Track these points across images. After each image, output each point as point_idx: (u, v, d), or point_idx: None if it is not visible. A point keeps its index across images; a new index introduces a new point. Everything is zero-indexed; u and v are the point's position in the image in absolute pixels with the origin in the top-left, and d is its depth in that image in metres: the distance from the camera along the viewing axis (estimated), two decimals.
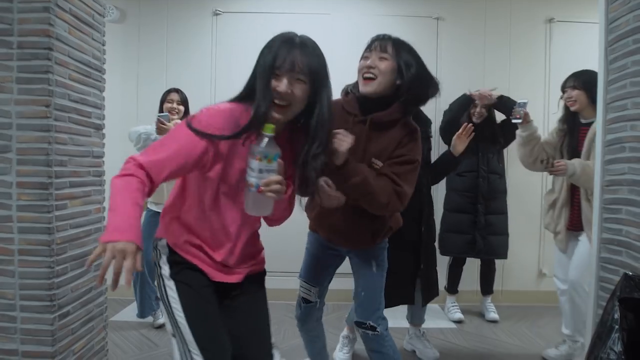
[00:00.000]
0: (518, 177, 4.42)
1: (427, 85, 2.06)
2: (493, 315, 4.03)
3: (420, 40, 4.36)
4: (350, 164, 1.80)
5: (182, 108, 3.69)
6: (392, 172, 1.92)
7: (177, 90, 3.72)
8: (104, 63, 2.60)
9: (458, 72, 4.39)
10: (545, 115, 4.42)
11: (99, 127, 2.56)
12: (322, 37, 4.08)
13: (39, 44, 2.10)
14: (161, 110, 3.61)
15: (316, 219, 2.25)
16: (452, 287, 4.16)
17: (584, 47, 4.32)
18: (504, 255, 4.01)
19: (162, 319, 3.53)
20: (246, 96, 1.68)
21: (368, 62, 1.95)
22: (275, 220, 1.80)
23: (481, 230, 3.87)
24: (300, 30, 4.39)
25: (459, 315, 4.02)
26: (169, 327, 1.65)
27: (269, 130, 1.51)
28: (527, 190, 4.44)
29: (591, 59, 2.94)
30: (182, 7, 4.39)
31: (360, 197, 1.88)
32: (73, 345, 2.32)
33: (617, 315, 1.62)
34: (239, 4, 4.40)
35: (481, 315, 4.13)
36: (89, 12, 2.41)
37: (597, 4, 2.45)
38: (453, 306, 4.11)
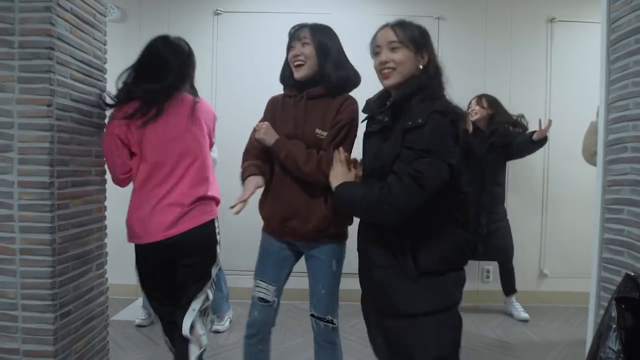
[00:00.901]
0: (519, 178, 4.43)
1: (345, 69, 2.28)
2: (523, 314, 4.06)
3: None
4: (276, 145, 2.09)
5: None
6: (332, 143, 2.11)
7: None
8: (105, 62, 2.60)
9: (459, 72, 4.37)
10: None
11: (101, 127, 2.56)
12: None
13: (40, 44, 2.10)
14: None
15: (268, 207, 2.30)
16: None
17: (585, 47, 4.33)
18: (504, 257, 4.03)
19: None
20: None
21: (295, 51, 2.22)
22: None
23: (483, 237, 3.89)
24: None
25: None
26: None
27: None
28: (528, 192, 4.44)
29: (593, 59, 2.94)
30: (183, 6, 4.39)
31: (290, 168, 2.11)
32: (74, 344, 2.33)
33: (614, 314, 1.62)
34: (240, 3, 4.40)
35: (483, 314, 4.12)
36: (90, 12, 2.42)
37: (598, 3, 2.45)
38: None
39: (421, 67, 1.97)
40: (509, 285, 4.16)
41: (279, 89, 3.40)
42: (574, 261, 4.35)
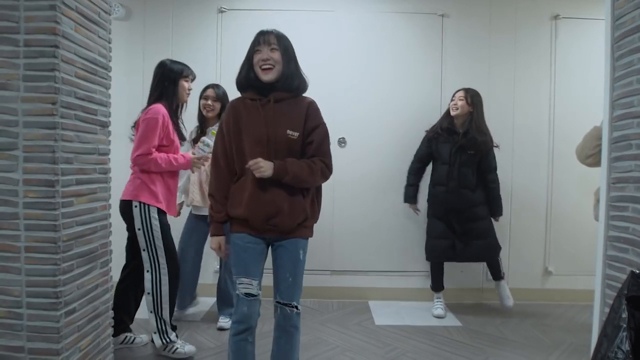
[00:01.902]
0: (523, 176, 4.42)
1: (301, 75, 2.40)
2: (507, 302, 4.05)
3: (425, 38, 4.40)
4: (277, 173, 2.20)
5: (217, 105, 3.71)
6: (320, 151, 2.33)
7: (214, 86, 3.75)
8: (110, 60, 2.60)
9: (463, 69, 4.38)
10: (550, 113, 4.41)
11: (105, 125, 2.56)
12: (326, 34, 4.10)
13: (45, 42, 2.10)
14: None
15: (248, 209, 2.28)
16: (436, 285, 4.16)
17: (589, 44, 4.31)
18: (489, 258, 4.03)
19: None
20: None
21: (264, 55, 2.27)
22: None
23: (460, 236, 3.91)
24: (304, 27, 4.44)
25: (440, 311, 4.04)
26: None
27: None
28: (532, 189, 4.43)
29: (597, 56, 2.93)
30: (187, 4, 4.40)
31: (296, 184, 2.27)
32: (79, 342, 2.33)
33: (624, 315, 1.61)
34: (244, 1, 4.40)
35: (487, 311, 4.12)
36: (95, 10, 2.42)
37: (603, 0, 2.44)
38: (438, 301, 4.14)
39: None
40: (495, 270, 4.11)
41: None
42: (579, 259, 4.34)
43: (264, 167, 2.17)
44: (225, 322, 3.65)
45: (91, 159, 2.42)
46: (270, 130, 2.26)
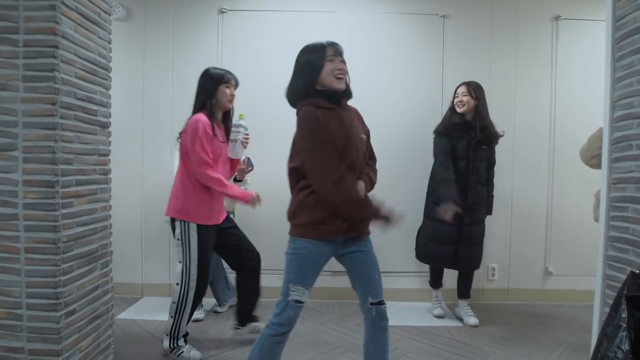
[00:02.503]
0: (523, 177, 4.42)
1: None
2: (473, 319, 3.88)
3: (426, 38, 4.40)
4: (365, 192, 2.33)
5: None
6: (373, 153, 2.54)
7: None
8: (110, 61, 2.60)
9: (464, 70, 4.38)
10: (551, 112, 4.40)
11: (105, 125, 2.56)
12: (327, 34, 4.09)
13: (45, 42, 2.10)
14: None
15: (336, 220, 2.26)
16: (437, 282, 4.13)
17: (590, 45, 4.31)
18: (477, 266, 3.92)
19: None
20: None
21: (339, 65, 2.31)
22: None
23: (464, 241, 3.76)
24: (305, 28, 4.43)
25: (439, 311, 4.03)
26: None
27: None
28: (533, 189, 4.43)
29: (598, 56, 2.93)
30: (187, 5, 4.39)
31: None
32: (79, 343, 2.33)
33: (624, 314, 1.61)
34: (245, 2, 4.40)
35: (488, 312, 4.11)
36: (95, 10, 2.42)
37: (604, 1, 2.44)
38: (436, 300, 4.13)
39: None
40: (466, 289, 4.04)
41: (283, 87, 3.39)
42: (579, 259, 4.33)
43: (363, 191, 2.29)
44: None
45: (91, 160, 2.42)
46: (356, 135, 2.33)
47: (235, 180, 3.58)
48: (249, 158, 3.51)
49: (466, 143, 3.75)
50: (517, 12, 4.40)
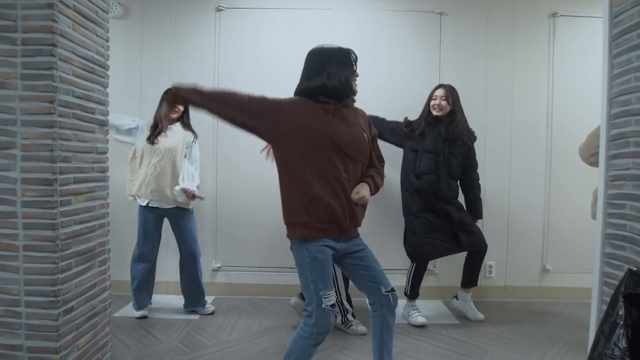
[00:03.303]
0: (520, 174, 4.42)
1: None
2: (480, 315, 3.91)
3: (423, 36, 4.40)
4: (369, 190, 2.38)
5: (181, 107, 3.77)
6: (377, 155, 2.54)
7: None
8: (107, 59, 2.60)
9: (461, 67, 4.38)
10: (548, 110, 4.41)
11: (103, 123, 2.56)
12: (323, 32, 4.09)
13: (43, 41, 2.10)
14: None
15: (335, 214, 2.28)
16: (416, 291, 3.94)
17: (587, 41, 4.32)
18: (485, 244, 3.85)
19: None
20: None
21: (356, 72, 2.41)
22: None
23: (458, 225, 3.75)
24: (301, 26, 4.42)
25: (421, 319, 3.79)
26: None
27: None
28: (530, 187, 4.44)
29: (595, 53, 2.94)
30: (185, 3, 4.39)
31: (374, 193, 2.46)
32: (77, 340, 2.34)
33: (621, 312, 1.61)
34: None
35: (485, 310, 4.12)
36: (92, 9, 2.42)
37: None
38: (414, 310, 3.88)
39: None
40: (474, 275, 3.97)
41: (280, 84, 3.39)
42: (577, 257, 4.35)
43: (362, 195, 2.31)
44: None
45: (89, 158, 2.42)
46: (359, 131, 2.39)
47: None
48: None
49: (434, 137, 3.76)
50: (514, 9, 4.41)
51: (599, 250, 2.39)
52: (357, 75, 2.40)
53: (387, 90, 4.38)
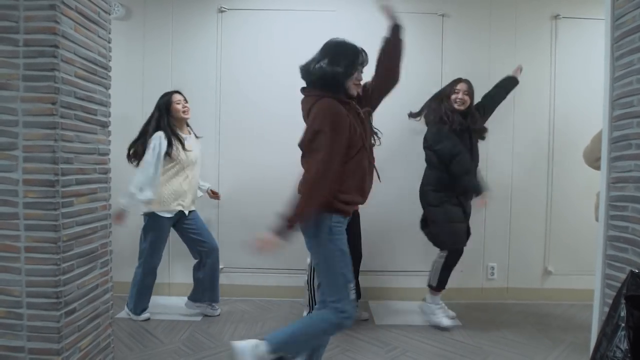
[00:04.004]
0: (522, 176, 4.42)
1: None
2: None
3: (425, 37, 4.40)
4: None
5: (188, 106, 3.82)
6: None
7: (178, 91, 3.82)
8: (109, 60, 2.60)
9: (462, 69, 4.37)
10: (550, 112, 4.41)
11: (105, 125, 2.57)
12: (326, 34, 4.09)
13: (45, 42, 2.11)
14: (168, 112, 3.71)
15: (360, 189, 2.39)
16: (444, 283, 3.82)
17: (589, 43, 4.31)
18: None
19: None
20: None
21: (359, 75, 2.44)
22: None
23: (467, 219, 3.82)
24: (305, 27, 4.41)
25: (447, 321, 3.77)
26: None
27: None
28: (532, 188, 4.43)
29: (597, 55, 2.93)
30: (187, 4, 4.39)
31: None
32: (79, 342, 2.33)
33: (623, 313, 1.61)
34: (244, 1, 4.40)
35: (487, 311, 4.12)
36: (94, 10, 2.42)
37: (603, 0, 2.44)
38: (438, 307, 3.83)
39: None
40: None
41: (281, 86, 3.38)
42: (579, 258, 4.34)
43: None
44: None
45: (91, 159, 2.42)
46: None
47: None
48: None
49: (467, 135, 3.75)
50: (516, 11, 4.41)
51: (601, 252, 2.39)
52: (359, 79, 2.44)
53: None
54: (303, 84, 2.49)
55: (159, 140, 3.55)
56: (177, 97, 3.73)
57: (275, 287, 4.39)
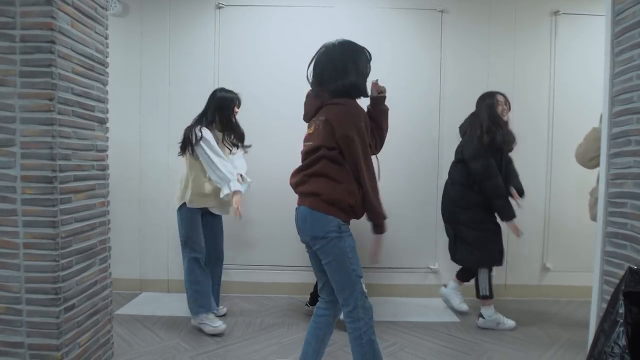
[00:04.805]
0: (521, 173, 4.41)
1: None
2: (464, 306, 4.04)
3: (424, 33, 4.39)
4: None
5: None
6: None
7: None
8: (107, 56, 2.59)
9: (462, 65, 4.38)
10: (550, 108, 4.40)
11: (103, 121, 2.56)
12: (325, 29, 4.09)
13: (42, 37, 2.10)
14: (226, 111, 3.52)
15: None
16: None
17: (589, 39, 4.31)
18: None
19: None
20: None
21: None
22: None
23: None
24: (302, 23, 4.41)
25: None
26: None
27: None
28: (531, 185, 4.43)
29: (597, 51, 2.93)
30: (185, 0, 4.38)
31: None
32: (78, 338, 2.33)
33: (621, 310, 1.61)
34: None
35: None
36: (91, 5, 2.41)
37: None
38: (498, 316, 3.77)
39: None
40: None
41: (280, 81, 3.38)
42: (577, 255, 4.35)
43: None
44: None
45: (89, 156, 2.42)
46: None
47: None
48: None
49: (500, 156, 3.64)
50: (516, 6, 4.40)
51: (600, 248, 2.39)
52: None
53: (388, 88, 4.36)
54: (302, 80, 2.48)
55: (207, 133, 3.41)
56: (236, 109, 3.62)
57: (273, 283, 4.39)
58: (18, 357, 2.19)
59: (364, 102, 2.45)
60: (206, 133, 3.36)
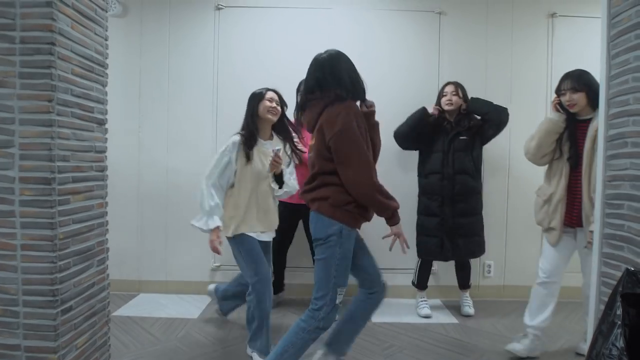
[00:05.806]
0: (520, 173, 4.43)
1: None
2: (467, 310, 4.06)
3: (422, 35, 4.40)
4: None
5: (279, 109, 3.17)
6: None
7: (273, 90, 3.20)
8: (106, 58, 2.59)
9: (460, 67, 4.39)
10: (546, 109, 4.41)
11: (102, 122, 2.56)
12: (323, 31, 4.08)
13: (41, 39, 2.10)
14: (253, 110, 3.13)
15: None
16: (422, 284, 4.17)
17: (586, 41, 4.32)
18: (473, 255, 4.04)
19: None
20: None
21: None
22: None
23: (449, 233, 3.85)
24: (301, 25, 4.41)
25: (426, 311, 4.01)
26: None
27: None
28: (529, 186, 4.43)
29: (593, 53, 2.94)
30: (184, 1, 4.38)
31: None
32: (76, 340, 2.33)
33: (619, 312, 1.62)
34: None
35: (483, 308, 4.12)
36: (91, 7, 2.41)
37: None
38: (422, 301, 4.12)
39: None
40: (464, 280, 4.21)
41: (280, 83, 3.37)
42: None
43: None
44: None
45: (88, 157, 2.41)
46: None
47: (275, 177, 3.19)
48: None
49: (442, 136, 3.87)
50: (513, 9, 4.41)
51: (597, 250, 2.39)
52: None
53: (386, 89, 4.38)
54: (300, 80, 2.54)
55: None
56: (269, 94, 3.15)
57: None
58: None
59: None
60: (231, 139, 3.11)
